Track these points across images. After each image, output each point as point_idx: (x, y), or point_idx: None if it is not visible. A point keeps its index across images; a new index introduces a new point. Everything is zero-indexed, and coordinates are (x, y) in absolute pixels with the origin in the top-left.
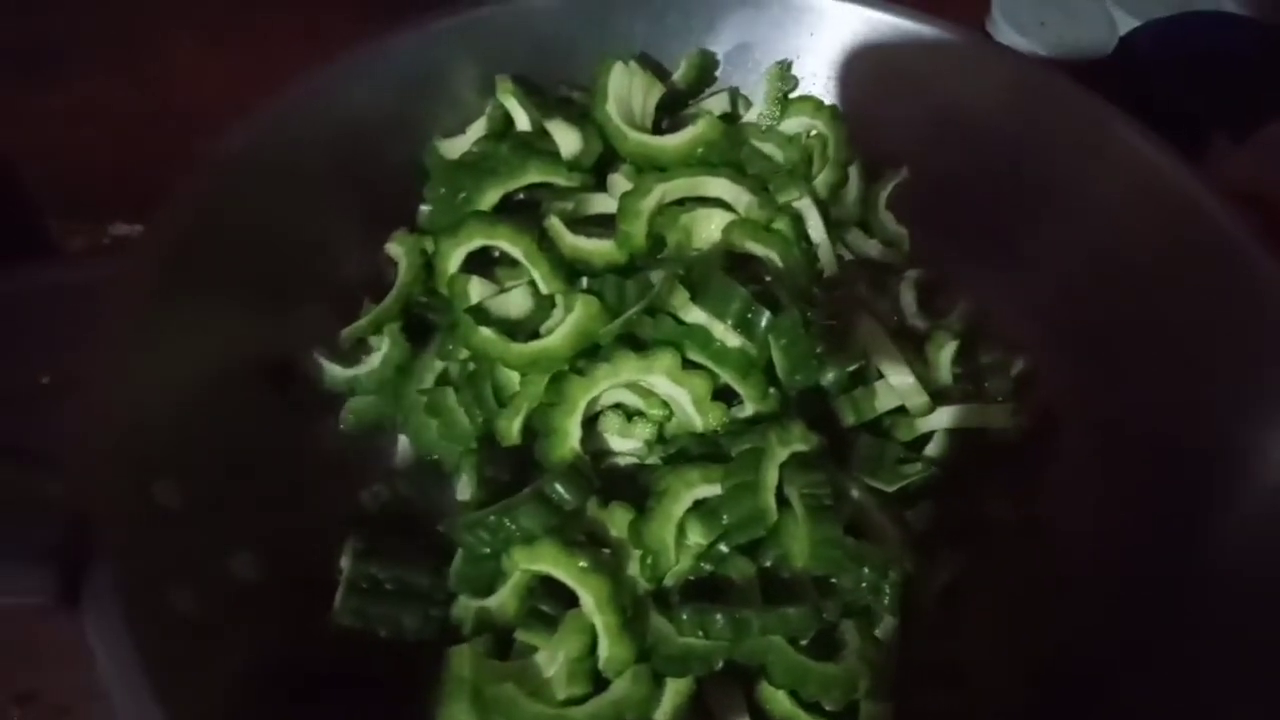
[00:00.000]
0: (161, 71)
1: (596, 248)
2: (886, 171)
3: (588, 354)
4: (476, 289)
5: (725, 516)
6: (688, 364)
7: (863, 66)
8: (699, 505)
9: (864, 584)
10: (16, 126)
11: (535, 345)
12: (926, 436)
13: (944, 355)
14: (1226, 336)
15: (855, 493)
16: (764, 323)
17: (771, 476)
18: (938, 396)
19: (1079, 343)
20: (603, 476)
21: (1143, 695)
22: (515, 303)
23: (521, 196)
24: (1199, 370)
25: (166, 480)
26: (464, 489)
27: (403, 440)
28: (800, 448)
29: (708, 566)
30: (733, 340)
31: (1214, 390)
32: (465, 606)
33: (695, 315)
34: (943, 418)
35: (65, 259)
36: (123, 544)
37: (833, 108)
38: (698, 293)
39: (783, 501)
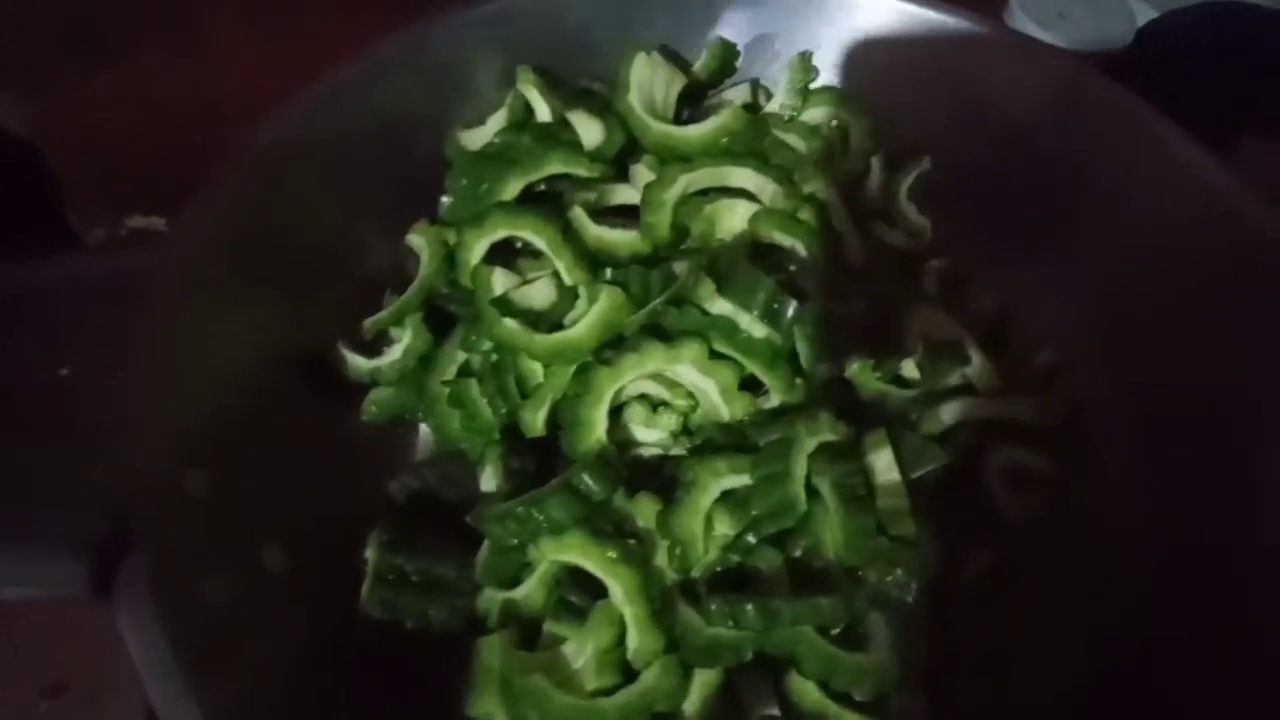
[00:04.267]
0: (190, 65)
1: (620, 238)
2: (908, 162)
3: (613, 345)
4: (500, 280)
5: (754, 507)
6: (714, 354)
7: (884, 56)
8: (727, 496)
9: (890, 579)
10: (43, 117)
11: (559, 336)
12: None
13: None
14: (1261, 330)
15: None
16: (790, 313)
17: (800, 466)
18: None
19: (1107, 336)
20: (627, 467)
21: (1190, 680)
22: (539, 294)
23: (543, 188)
24: (1234, 364)
25: (198, 471)
26: (489, 480)
27: (424, 431)
28: (829, 437)
29: (735, 558)
30: (759, 331)
31: (1250, 384)
32: (491, 598)
33: (721, 306)
34: (969, 410)
35: (88, 252)
36: (155, 535)
37: (854, 98)
38: (723, 283)
39: (812, 493)
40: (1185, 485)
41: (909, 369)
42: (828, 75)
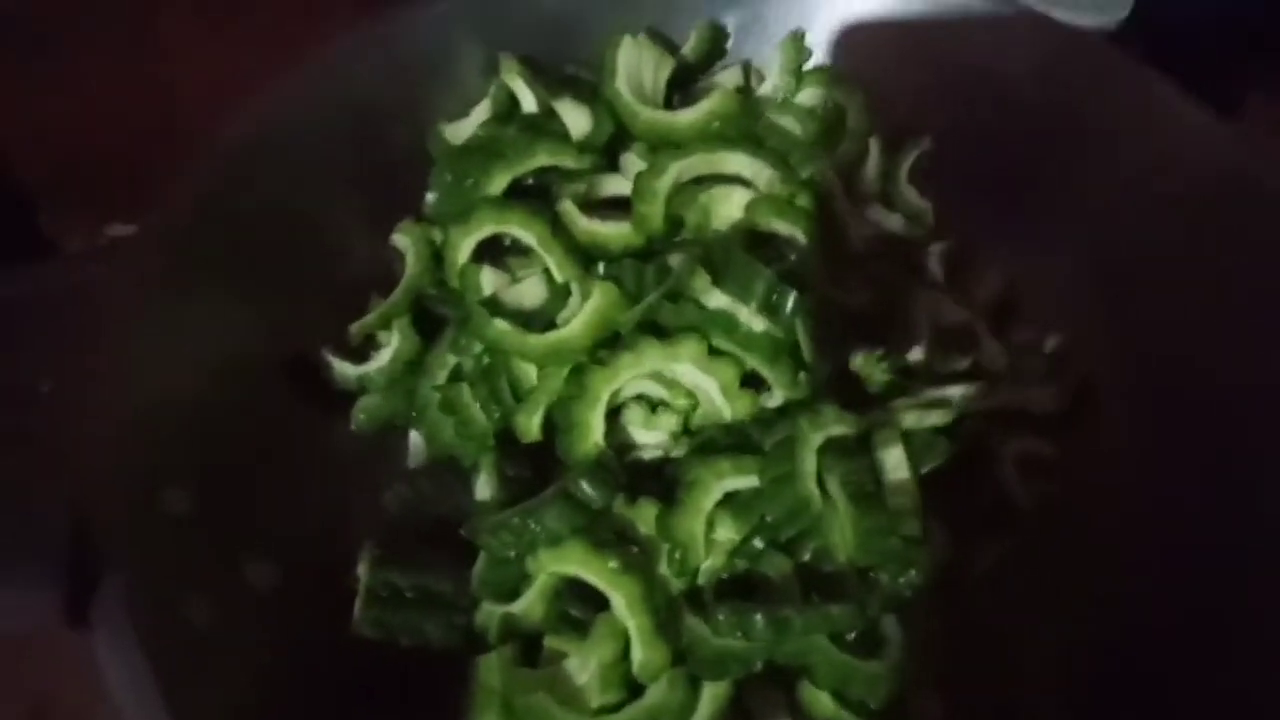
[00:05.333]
0: (159, 59)
1: (612, 231)
2: (907, 143)
3: (608, 344)
4: (489, 280)
5: (765, 511)
6: (713, 351)
7: (877, 34)
8: (730, 499)
9: (902, 580)
10: (12, 121)
11: (553, 336)
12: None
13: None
14: (1272, 301)
15: None
16: (791, 304)
17: (810, 464)
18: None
19: (1113, 310)
20: (627, 471)
21: (1205, 668)
22: (529, 292)
23: (531, 182)
24: (1250, 332)
25: (175, 487)
26: (484, 488)
27: (415, 439)
28: (836, 431)
29: (742, 564)
30: (759, 324)
31: (1261, 358)
32: (489, 613)
33: (718, 299)
34: (979, 399)
35: (64, 260)
36: (131, 555)
37: (849, 78)
38: (720, 275)
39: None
40: (1195, 466)
41: (917, 357)
42: (819, 55)
